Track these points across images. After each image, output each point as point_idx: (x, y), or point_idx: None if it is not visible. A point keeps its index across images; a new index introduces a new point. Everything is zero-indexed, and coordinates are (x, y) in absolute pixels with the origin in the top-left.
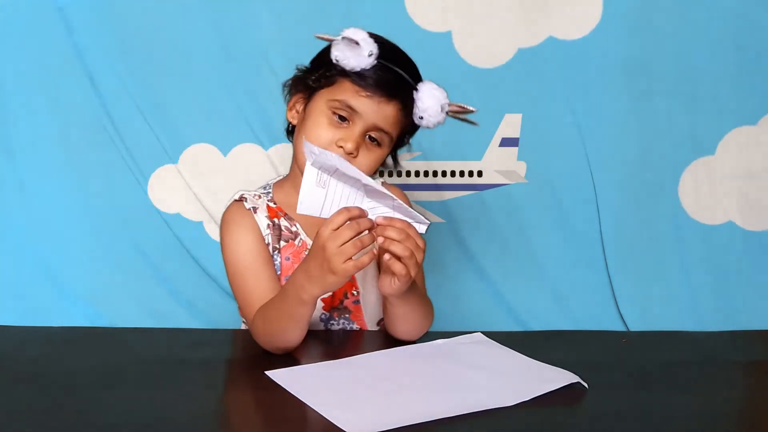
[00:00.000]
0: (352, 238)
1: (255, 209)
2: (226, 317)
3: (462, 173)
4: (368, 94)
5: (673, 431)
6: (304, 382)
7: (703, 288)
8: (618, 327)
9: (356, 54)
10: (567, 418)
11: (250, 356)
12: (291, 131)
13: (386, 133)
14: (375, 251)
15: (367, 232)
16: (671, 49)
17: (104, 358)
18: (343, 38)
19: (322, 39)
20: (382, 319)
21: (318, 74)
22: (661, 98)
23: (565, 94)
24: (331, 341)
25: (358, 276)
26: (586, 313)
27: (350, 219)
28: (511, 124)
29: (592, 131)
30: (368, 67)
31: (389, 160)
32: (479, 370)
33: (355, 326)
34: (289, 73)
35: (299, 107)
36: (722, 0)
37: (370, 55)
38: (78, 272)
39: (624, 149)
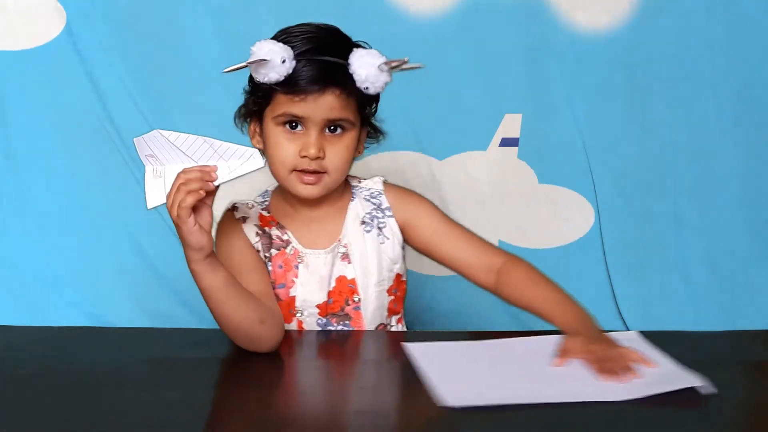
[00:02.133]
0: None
1: (244, 219)
2: None
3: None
4: (301, 97)
5: (673, 431)
6: (433, 356)
7: (703, 288)
8: (618, 327)
9: (271, 68)
10: (579, 417)
11: (249, 356)
12: None
13: (343, 119)
14: (201, 192)
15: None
16: (672, 49)
17: (104, 358)
18: (251, 61)
19: (232, 71)
20: (381, 324)
21: (255, 97)
22: (661, 98)
23: (565, 94)
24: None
25: (359, 283)
26: None
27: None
28: (511, 124)
29: (592, 131)
30: (291, 71)
31: (373, 133)
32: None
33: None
34: None
35: (258, 131)
36: (723, 2)
37: (283, 62)
38: (78, 272)
39: (624, 149)
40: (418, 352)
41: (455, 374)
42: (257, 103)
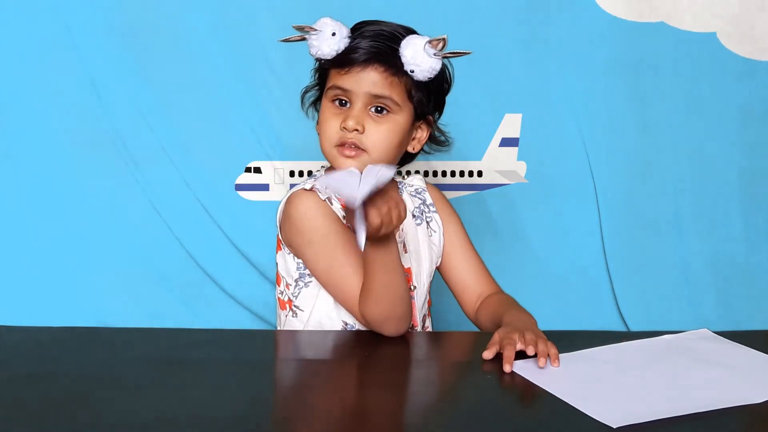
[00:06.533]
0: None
1: (329, 200)
2: (226, 317)
3: (462, 173)
4: (346, 69)
5: (672, 431)
6: (547, 374)
7: (703, 288)
8: (618, 327)
9: (322, 40)
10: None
11: (250, 356)
12: None
13: (386, 98)
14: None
15: None
16: (671, 48)
17: (104, 358)
18: (298, 26)
19: (287, 41)
20: (424, 316)
21: (314, 82)
22: (662, 98)
23: (565, 94)
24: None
25: (414, 273)
26: (586, 313)
27: None
28: (511, 124)
29: (592, 131)
30: (342, 48)
31: (437, 134)
32: (717, 366)
33: None
34: (288, 71)
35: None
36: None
37: (333, 35)
38: (78, 272)
39: (624, 149)
40: (528, 372)
41: (588, 392)
42: (316, 86)
